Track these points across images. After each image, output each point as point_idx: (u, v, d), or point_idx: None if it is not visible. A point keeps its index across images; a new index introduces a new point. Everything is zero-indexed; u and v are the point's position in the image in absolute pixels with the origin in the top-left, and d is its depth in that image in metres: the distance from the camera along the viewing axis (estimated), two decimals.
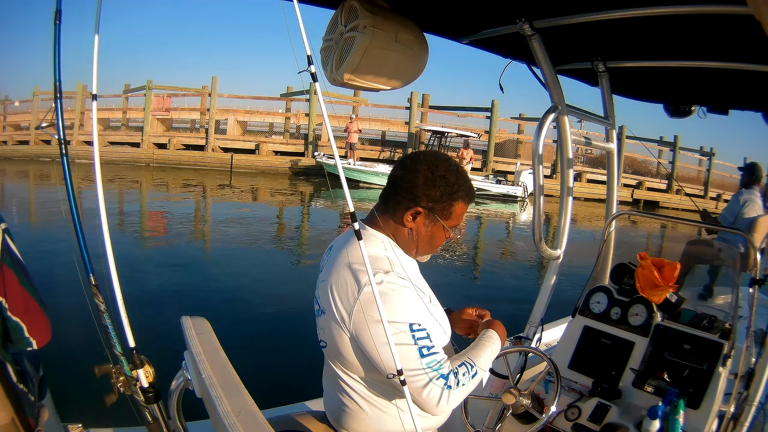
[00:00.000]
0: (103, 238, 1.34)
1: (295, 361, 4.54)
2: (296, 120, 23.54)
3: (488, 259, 10.83)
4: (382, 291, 1.25)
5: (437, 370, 1.27)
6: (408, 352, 1.25)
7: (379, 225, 1.41)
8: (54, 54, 1.43)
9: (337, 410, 1.47)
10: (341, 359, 1.38)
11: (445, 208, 1.39)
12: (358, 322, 1.27)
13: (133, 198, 15.05)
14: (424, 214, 1.38)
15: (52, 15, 1.41)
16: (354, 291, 1.28)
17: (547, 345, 2.84)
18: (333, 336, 1.35)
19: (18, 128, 24.62)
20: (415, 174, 1.37)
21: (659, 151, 24.07)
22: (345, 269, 1.33)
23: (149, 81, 22.29)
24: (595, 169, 22.88)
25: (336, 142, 1.21)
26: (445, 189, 1.37)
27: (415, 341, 1.25)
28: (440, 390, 1.26)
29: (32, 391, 1.63)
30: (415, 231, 1.40)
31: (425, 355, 1.26)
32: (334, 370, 1.43)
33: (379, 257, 1.34)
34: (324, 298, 1.37)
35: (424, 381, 1.25)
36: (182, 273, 7.52)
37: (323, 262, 1.49)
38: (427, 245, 1.43)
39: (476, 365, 1.38)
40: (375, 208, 1.47)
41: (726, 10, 1.48)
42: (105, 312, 1.40)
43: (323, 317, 1.38)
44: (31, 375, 1.67)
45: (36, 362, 1.62)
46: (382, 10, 1.76)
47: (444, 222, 1.40)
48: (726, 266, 4.56)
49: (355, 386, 1.40)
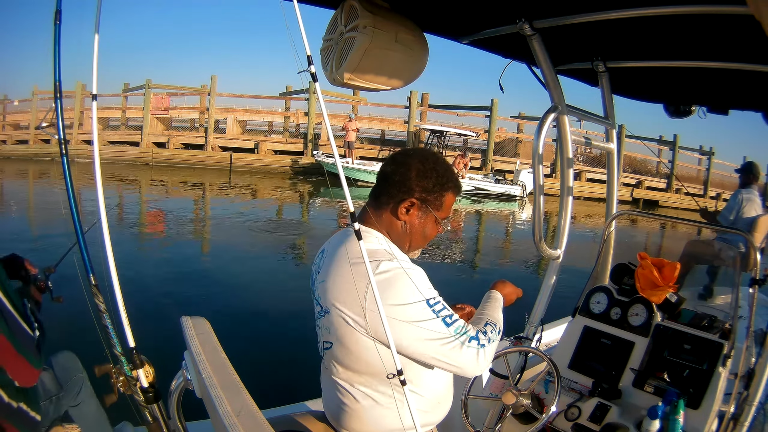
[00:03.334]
0: (103, 238, 1.34)
1: (295, 361, 4.54)
2: (295, 119, 23.55)
3: (486, 258, 10.83)
4: (391, 277, 1.28)
5: (466, 333, 1.32)
6: (433, 326, 1.28)
7: (371, 222, 1.43)
8: (54, 54, 1.43)
9: (337, 410, 1.46)
10: (349, 357, 1.36)
11: (437, 198, 1.44)
12: (374, 314, 1.27)
13: (133, 197, 15.05)
14: (417, 206, 1.42)
15: (52, 15, 1.42)
16: (363, 284, 1.28)
17: (547, 345, 2.84)
18: (341, 334, 1.34)
19: (17, 127, 24.61)
20: (407, 167, 1.41)
21: (659, 150, 24.12)
22: (347, 265, 1.33)
23: (148, 80, 22.29)
24: (594, 168, 22.90)
25: (335, 141, 1.21)
26: (437, 180, 1.42)
27: (436, 314, 1.29)
28: (475, 350, 1.32)
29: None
30: (409, 224, 1.43)
31: (450, 324, 1.30)
32: (336, 371, 1.42)
33: (378, 250, 1.36)
34: (326, 297, 1.37)
35: (458, 346, 1.30)
36: (182, 273, 7.51)
37: (317, 265, 1.49)
38: (420, 238, 1.46)
39: (497, 322, 1.46)
40: (367, 205, 1.47)
41: (726, 10, 1.48)
42: (105, 312, 1.41)
43: (327, 317, 1.37)
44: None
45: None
46: (382, 10, 1.76)
47: (435, 213, 1.45)
48: (726, 266, 4.57)
49: (357, 385, 1.40)
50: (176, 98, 24.56)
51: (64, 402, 1.91)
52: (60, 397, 1.89)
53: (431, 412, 1.48)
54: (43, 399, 1.77)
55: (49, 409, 1.84)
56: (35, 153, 21.60)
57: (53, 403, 1.86)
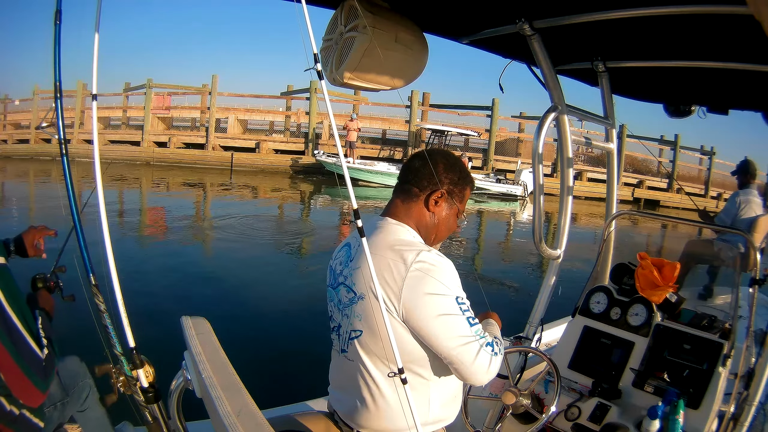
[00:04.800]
0: (103, 238, 1.34)
1: (295, 360, 4.54)
2: (296, 118, 23.55)
3: (487, 258, 10.83)
4: (429, 267, 1.32)
5: (484, 338, 1.36)
6: (458, 322, 1.32)
7: (401, 215, 1.48)
8: (54, 54, 1.43)
9: (353, 406, 1.45)
10: (378, 345, 1.37)
11: (461, 191, 1.53)
12: (408, 299, 1.30)
13: (134, 197, 15.06)
14: (444, 198, 1.49)
15: (52, 15, 1.41)
16: (401, 270, 1.32)
17: (547, 345, 2.84)
18: (374, 321, 1.35)
19: (18, 127, 24.63)
20: (434, 162, 1.49)
21: (660, 150, 24.08)
22: (387, 251, 1.36)
23: (149, 79, 22.28)
24: (595, 167, 22.86)
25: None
26: (460, 173, 1.52)
27: (462, 312, 1.33)
28: (489, 356, 1.35)
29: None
30: (437, 216, 1.50)
31: (473, 324, 1.34)
32: (360, 362, 1.41)
33: (414, 242, 1.43)
34: (362, 282, 1.38)
35: (476, 348, 1.33)
36: (182, 272, 7.52)
37: (343, 258, 1.50)
38: (445, 229, 1.53)
39: (500, 339, 1.50)
40: (396, 198, 1.52)
41: (726, 10, 1.48)
42: (105, 312, 1.41)
43: (360, 303, 1.38)
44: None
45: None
46: (382, 10, 1.76)
47: (459, 205, 1.53)
48: (726, 266, 4.56)
49: (379, 379, 1.39)
50: (177, 97, 24.58)
51: (69, 408, 1.90)
52: (65, 403, 1.88)
53: (449, 406, 1.51)
54: (47, 406, 1.76)
55: (54, 415, 1.83)
56: (36, 152, 21.61)
57: (58, 409, 1.85)
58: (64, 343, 1.97)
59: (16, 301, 1.49)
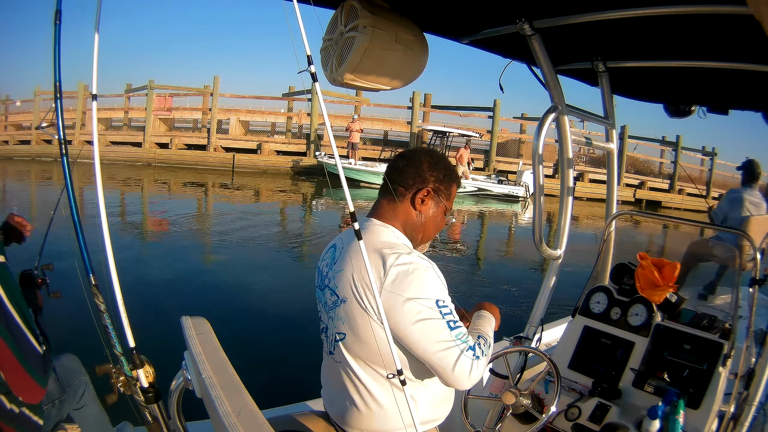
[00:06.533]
0: (103, 238, 1.34)
1: (295, 360, 4.54)
2: (298, 120, 23.54)
3: (489, 258, 10.81)
4: (408, 270, 1.30)
5: (465, 342, 1.32)
6: (437, 327, 1.29)
7: (387, 216, 1.47)
8: (54, 54, 1.43)
9: (344, 408, 1.46)
10: (362, 348, 1.36)
11: (447, 188, 1.52)
12: (387, 303, 1.28)
13: (134, 198, 15.07)
14: (431, 195, 1.48)
15: (52, 15, 1.42)
16: (380, 272, 1.30)
17: (547, 345, 2.84)
18: (356, 324, 1.35)
19: (19, 128, 24.65)
20: (419, 161, 1.49)
21: (661, 150, 24.02)
22: (370, 253, 1.33)
23: (151, 81, 22.30)
24: (597, 168, 22.83)
25: (338, 141, 1.22)
26: (446, 171, 1.52)
27: (443, 316, 1.30)
28: (470, 361, 1.30)
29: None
30: (424, 214, 1.49)
31: (453, 328, 1.31)
32: (348, 365, 1.41)
33: (397, 244, 1.40)
34: (344, 286, 1.37)
35: (456, 354, 1.29)
36: (183, 273, 7.53)
37: (329, 259, 1.49)
38: (432, 228, 1.53)
39: (487, 338, 1.45)
40: (382, 198, 1.50)
41: (726, 10, 1.48)
42: (105, 312, 1.41)
43: (344, 306, 1.38)
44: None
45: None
46: (382, 10, 1.76)
47: (445, 203, 1.52)
48: (726, 266, 4.56)
49: (367, 381, 1.39)
50: (179, 99, 24.60)
51: (66, 405, 1.91)
52: (63, 400, 1.88)
53: (439, 407, 1.49)
54: (45, 403, 1.77)
55: (52, 412, 1.83)
56: (37, 153, 21.65)
57: (56, 406, 1.85)
58: (64, 343, 1.97)
59: (15, 298, 1.50)
